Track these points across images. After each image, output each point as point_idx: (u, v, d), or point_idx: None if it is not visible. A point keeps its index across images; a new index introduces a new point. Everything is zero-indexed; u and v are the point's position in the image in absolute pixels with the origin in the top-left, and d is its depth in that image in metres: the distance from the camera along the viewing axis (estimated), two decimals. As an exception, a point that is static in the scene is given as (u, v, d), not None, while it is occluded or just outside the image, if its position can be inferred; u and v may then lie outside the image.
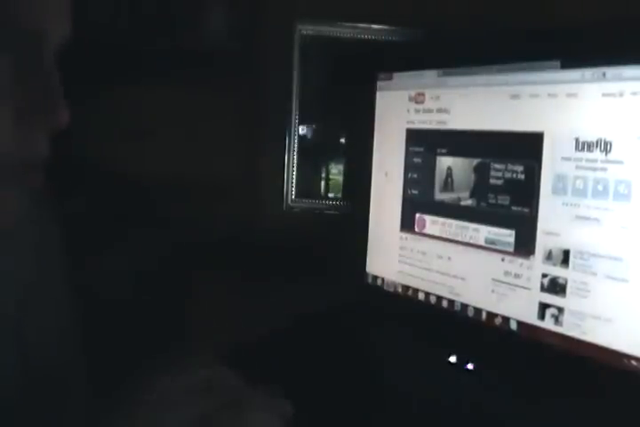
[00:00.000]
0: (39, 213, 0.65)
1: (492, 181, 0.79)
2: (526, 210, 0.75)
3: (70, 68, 0.49)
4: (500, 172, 0.78)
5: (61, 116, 0.47)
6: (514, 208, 0.77)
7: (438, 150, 0.86)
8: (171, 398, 0.52)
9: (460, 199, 0.83)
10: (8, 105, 0.45)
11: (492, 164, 0.79)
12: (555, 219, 0.73)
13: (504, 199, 0.78)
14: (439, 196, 0.86)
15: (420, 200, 0.89)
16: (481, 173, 0.81)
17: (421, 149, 0.89)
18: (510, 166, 0.77)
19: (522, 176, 0.76)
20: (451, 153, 0.85)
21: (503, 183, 0.78)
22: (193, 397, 0.52)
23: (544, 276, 0.74)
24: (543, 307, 0.74)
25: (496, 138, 0.79)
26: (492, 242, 0.79)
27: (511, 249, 0.77)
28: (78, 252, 0.74)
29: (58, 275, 0.68)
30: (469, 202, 0.82)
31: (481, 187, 0.81)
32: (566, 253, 0.72)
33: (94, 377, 0.70)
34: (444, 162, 0.85)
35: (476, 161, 0.81)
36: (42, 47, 0.47)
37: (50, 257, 0.67)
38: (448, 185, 0.85)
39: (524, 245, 0.76)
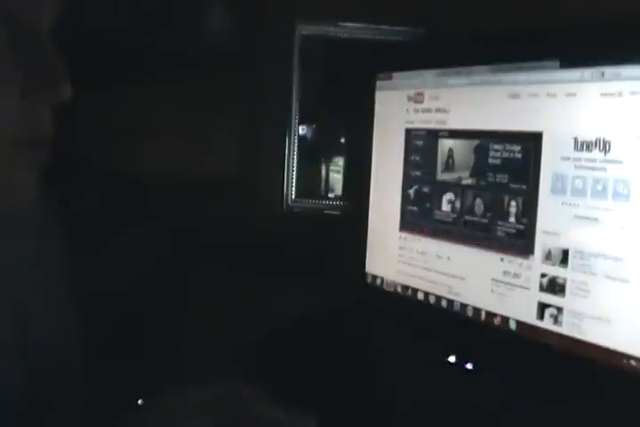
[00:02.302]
0: (39, 213, 0.65)
1: (490, 180, 0.79)
2: (525, 210, 0.75)
3: (70, 68, 0.49)
4: (499, 171, 0.78)
5: (63, 90, 0.47)
6: (513, 208, 0.77)
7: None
8: (178, 411, 0.52)
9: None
10: (9, 80, 0.45)
11: (491, 163, 0.79)
12: (554, 219, 0.73)
13: (503, 199, 0.78)
14: (438, 195, 0.86)
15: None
16: (480, 172, 0.81)
17: (420, 149, 0.89)
18: (509, 166, 0.77)
19: (521, 176, 0.76)
20: (450, 152, 0.85)
21: (502, 183, 0.78)
22: (199, 412, 0.51)
23: (543, 276, 0.74)
24: (542, 307, 0.74)
25: (495, 137, 0.79)
26: (492, 242, 0.79)
27: (510, 249, 0.77)
28: (79, 251, 0.74)
29: (59, 274, 0.68)
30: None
31: (480, 186, 0.81)
32: (565, 253, 0.72)
33: (95, 378, 0.70)
34: (444, 162, 0.85)
35: (474, 160, 0.81)
36: (36, 17, 0.47)
37: (51, 256, 0.67)
38: (447, 185, 0.85)
39: (524, 245, 0.76)
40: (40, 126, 0.48)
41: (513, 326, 0.78)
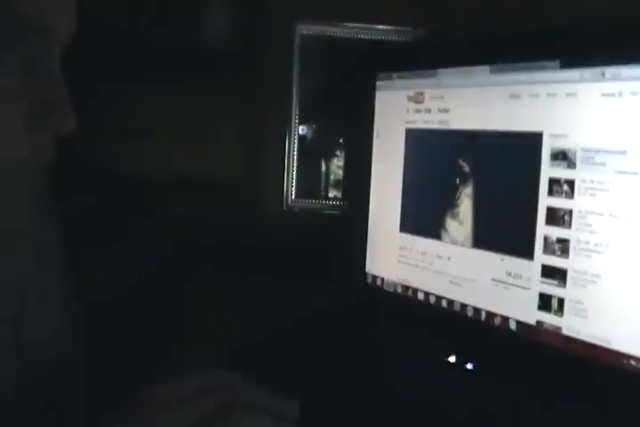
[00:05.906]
0: (40, 214, 0.65)
1: (490, 180, 0.79)
2: (526, 209, 0.75)
3: (71, 69, 0.49)
4: (499, 171, 0.78)
5: (68, 118, 0.47)
6: (513, 208, 0.77)
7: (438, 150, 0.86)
8: (170, 401, 0.52)
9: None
10: (17, 108, 0.45)
11: (491, 163, 0.79)
12: (555, 218, 0.73)
13: (503, 199, 0.78)
14: (439, 196, 0.86)
15: (419, 200, 0.89)
16: (480, 172, 0.81)
17: (421, 149, 0.89)
18: (509, 166, 0.77)
19: (521, 175, 0.76)
20: (450, 153, 0.85)
21: (502, 183, 0.78)
22: (192, 400, 0.52)
23: (544, 276, 0.74)
24: (543, 307, 0.74)
25: (495, 137, 0.79)
26: (492, 242, 0.79)
27: (511, 249, 0.77)
28: (79, 252, 0.74)
29: (58, 275, 0.68)
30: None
31: (480, 187, 0.81)
32: (567, 254, 0.72)
33: (94, 378, 0.70)
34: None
35: (475, 160, 0.81)
36: (47, 47, 0.47)
37: (51, 257, 0.67)
38: (447, 185, 0.85)
39: (524, 246, 0.76)
40: (42, 155, 0.48)
41: (513, 326, 0.78)
